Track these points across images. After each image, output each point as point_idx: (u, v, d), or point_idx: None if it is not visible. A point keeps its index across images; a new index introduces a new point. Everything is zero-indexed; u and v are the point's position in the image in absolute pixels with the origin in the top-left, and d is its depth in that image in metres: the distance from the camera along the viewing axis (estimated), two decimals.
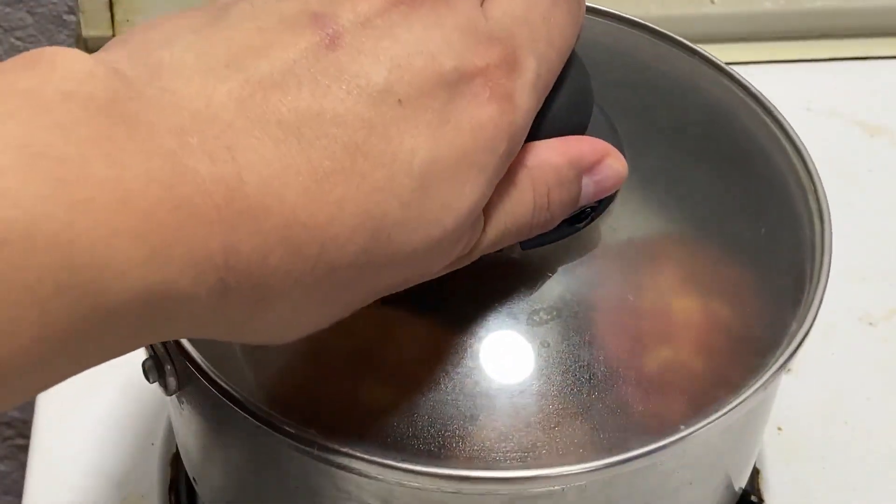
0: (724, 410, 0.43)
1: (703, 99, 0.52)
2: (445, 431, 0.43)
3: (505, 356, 0.44)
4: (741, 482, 0.52)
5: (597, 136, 0.47)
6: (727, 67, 0.52)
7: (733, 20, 0.75)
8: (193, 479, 0.53)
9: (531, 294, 0.45)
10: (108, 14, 0.71)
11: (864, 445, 0.62)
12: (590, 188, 0.42)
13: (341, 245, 0.35)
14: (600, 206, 0.46)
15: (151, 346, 0.46)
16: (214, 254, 0.33)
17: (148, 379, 0.47)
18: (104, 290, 0.31)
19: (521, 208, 0.40)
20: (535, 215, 0.40)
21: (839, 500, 0.60)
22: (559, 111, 0.44)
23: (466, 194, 0.37)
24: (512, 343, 0.44)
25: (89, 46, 0.73)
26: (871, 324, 0.66)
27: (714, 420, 0.42)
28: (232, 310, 0.34)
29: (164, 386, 0.47)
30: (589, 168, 0.42)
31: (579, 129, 0.45)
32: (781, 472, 0.58)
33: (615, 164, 0.43)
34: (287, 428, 0.42)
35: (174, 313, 0.33)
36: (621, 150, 0.47)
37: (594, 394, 0.44)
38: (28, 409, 0.62)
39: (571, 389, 0.44)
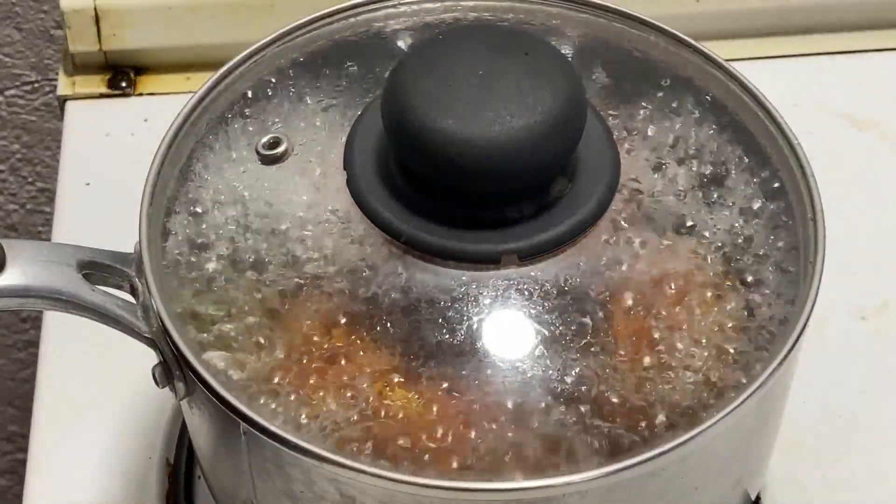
0: (718, 418, 0.43)
1: (701, 96, 0.52)
2: (447, 437, 0.43)
3: (505, 365, 0.44)
4: (754, 488, 0.52)
5: (592, 143, 0.47)
6: (726, 64, 0.52)
7: (718, 17, 0.75)
8: (207, 479, 0.53)
9: (530, 303, 0.45)
10: (95, 29, 0.71)
11: (859, 439, 0.62)
12: None
13: None
14: (595, 216, 0.46)
15: (161, 352, 0.47)
16: None
17: (157, 384, 0.47)
18: None
19: None
20: None
21: (833, 492, 0.60)
22: (554, 124, 0.44)
23: None
24: (511, 351, 0.45)
25: (76, 62, 0.73)
26: (863, 318, 0.66)
27: (707, 428, 0.42)
28: None
29: (174, 391, 0.47)
30: None
31: (574, 140, 0.45)
32: (775, 465, 0.58)
33: None
34: (289, 439, 0.42)
35: None
36: (616, 154, 0.48)
37: (592, 402, 0.44)
38: (27, 423, 0.62)
39: (570, 397, 0.44)
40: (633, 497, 0.43)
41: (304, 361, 0.45)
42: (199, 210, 0.49)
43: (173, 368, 0.46)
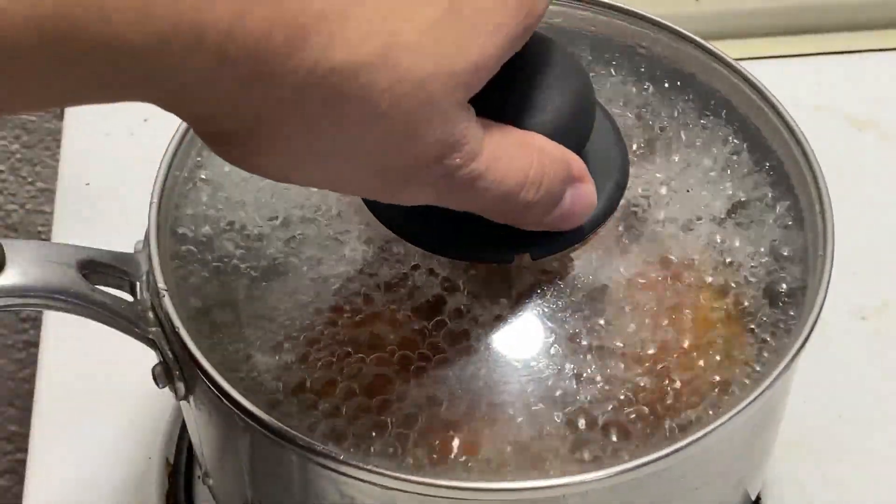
0: (721, 422, 0.43)
1: (710, 95, 0.52)
2: (447, 438, 0.43)
3: (510, 364, 0.44)
4: (755, 488, 0.52)
5: (601, 142, 0.47)
6: (735, 63, 0.52)
7: (717, 18, 0.75)
8: (207, 479, 0.53)
9: (540, 302, 0.45)
10: None
11: (860, 439, 0.62)
12: (566, 201, 0.42)
13: (351, 49, 0.34)
14: (605, 214, 0.46)
15: (161, 352, 0.47)
16: (220, 14, 0.33)
17: (157, 384, 0.47)
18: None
19: (517, 169, 0.40)
20: (525, 188, 0.40)
21: (835, 493, 0.60)
22: (563, 123, 0.44)
23: (479, 44, 0.37)
24: (518, 351, 0.45)
25: None
26: (863, 318, 0.66)
27: (710, 431, 0.42)
28: (227, 87, 0.34)
29: (174, 391, 0.47)
30: (572, 180, 0.43)
31: (583, 138, 0.45)
32: (776, 466, 0.58)
33: (592, 190, 0.44)
34: (291, 436, 0.42)
35: (157, 66, 0.33)
36: (625, 153, 0.48)
37: (596, 402, 0.44)
38: (28, 423, 0.62)
39: (574, 397, 0.44)
40: (633, 497, 0.44)
41: (307, 359, 0.45)
42: (201, 210, 0.49)
43: (173, 368, 0.47)
